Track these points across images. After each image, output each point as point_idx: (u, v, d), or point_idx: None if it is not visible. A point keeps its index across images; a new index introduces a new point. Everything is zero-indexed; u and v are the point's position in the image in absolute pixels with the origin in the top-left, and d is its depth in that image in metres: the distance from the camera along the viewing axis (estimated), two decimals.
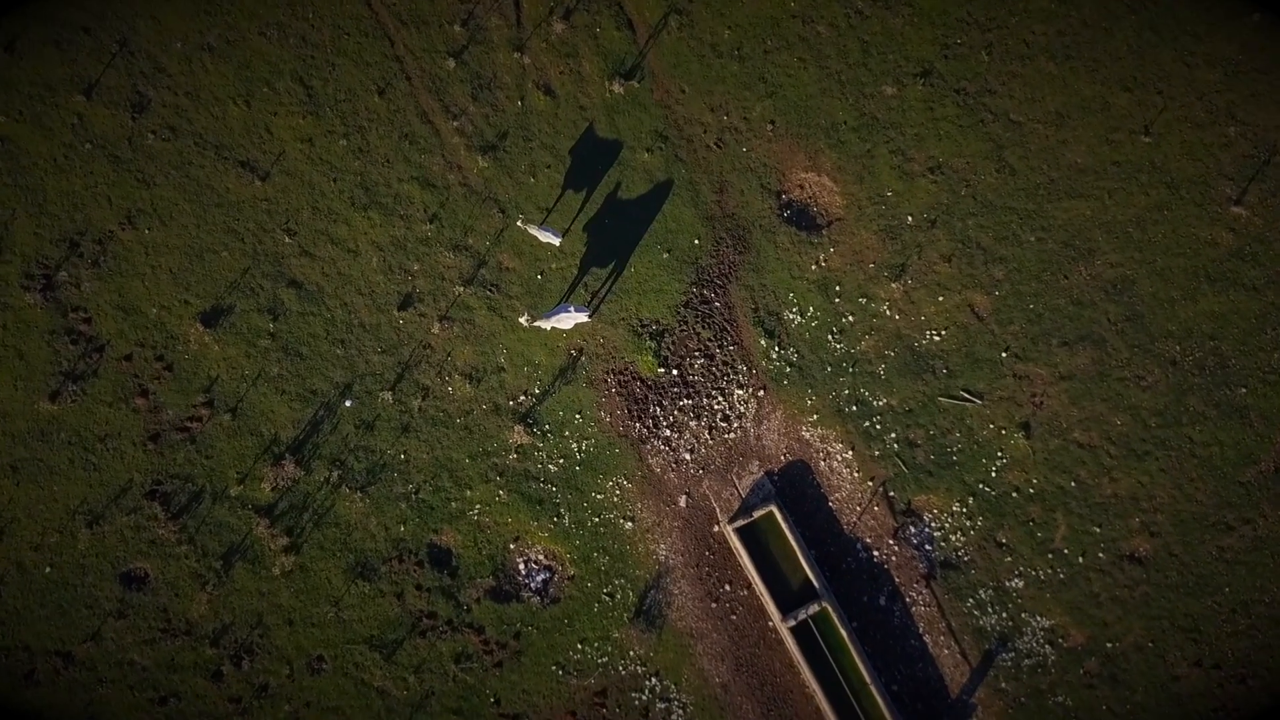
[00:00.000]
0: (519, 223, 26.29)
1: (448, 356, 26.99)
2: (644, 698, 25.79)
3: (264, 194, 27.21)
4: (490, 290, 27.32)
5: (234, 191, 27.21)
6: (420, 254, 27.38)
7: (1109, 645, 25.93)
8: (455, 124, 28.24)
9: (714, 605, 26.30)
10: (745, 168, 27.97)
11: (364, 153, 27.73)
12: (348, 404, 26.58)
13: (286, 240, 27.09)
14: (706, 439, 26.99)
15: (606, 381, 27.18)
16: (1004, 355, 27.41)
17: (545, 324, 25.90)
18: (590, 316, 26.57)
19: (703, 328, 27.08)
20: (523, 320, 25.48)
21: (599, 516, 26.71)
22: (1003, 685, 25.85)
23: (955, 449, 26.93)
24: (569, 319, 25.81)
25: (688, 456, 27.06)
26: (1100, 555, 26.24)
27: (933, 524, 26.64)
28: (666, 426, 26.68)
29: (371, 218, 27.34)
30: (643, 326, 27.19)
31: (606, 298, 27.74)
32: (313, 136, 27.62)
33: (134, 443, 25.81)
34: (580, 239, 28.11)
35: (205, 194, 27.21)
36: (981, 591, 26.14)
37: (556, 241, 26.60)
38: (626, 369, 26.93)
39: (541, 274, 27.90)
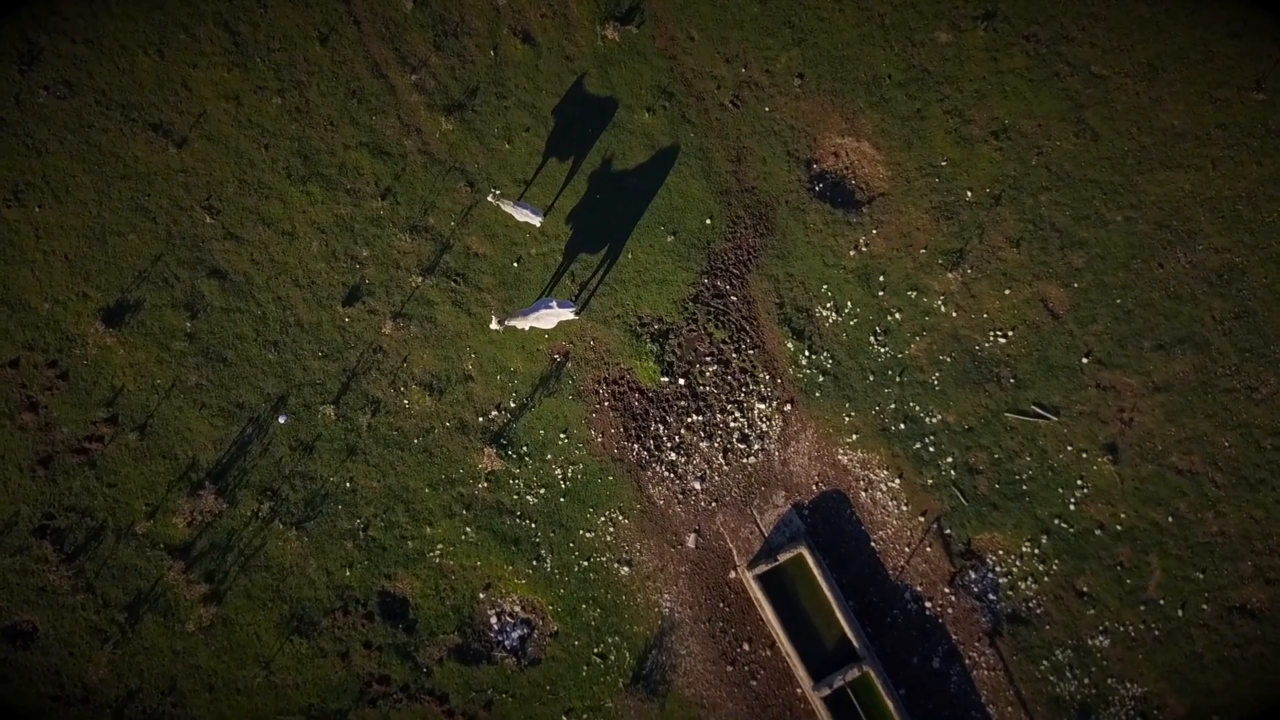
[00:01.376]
0: (491, 199, 25.88)
1: (403, 362, 26.32)
2: None
3: (180, 163, 26.77)
4: (455, 281, 26.70)
5: (144, 161, 26.74)
6: (370, 237, 26.88)
7: (1215, 718, 24.66)
8: (414, 78, 27.69)
9: (729, 669, 25.68)
10: (768, 131, 27.54)
11: (302, 113, 27.28)
12: (281, 420, 26.01)
13: (208, 220, 26.59)
14: (721, 464, 26.32)
15: (598, 393, 26.50)
16: (1084, 361, 26.81)
17: (522, 323, 25.42)
18: (577, 313, 26.04)
19: (716, 327, 26.65)
20: (493, 324, 25.11)
21: (588, 559, 25.95)
22: None
23: (1025, 476, 26.21)
24: (550, 316, 25.24)
25: (697, 486, 26.44)
26: (1204, 608, 25.35)
27: (998, 568, 25.95)
28: (671, 449, 26.16)
29: (311, 193, 26.91)
30: (642, 325, 26.67)
31: (598, 290, 27.10)
32: (239, 94, 27.16)
33: (20, 468, 25.28)
34: (565, 218, 27.49)
35: (109, 164, 26.70)
36: (1058, 652, 25.26)
37: (537, 221, 26.16)
38: (622, 378, 26.45)
39: (519, 261, 27.30)
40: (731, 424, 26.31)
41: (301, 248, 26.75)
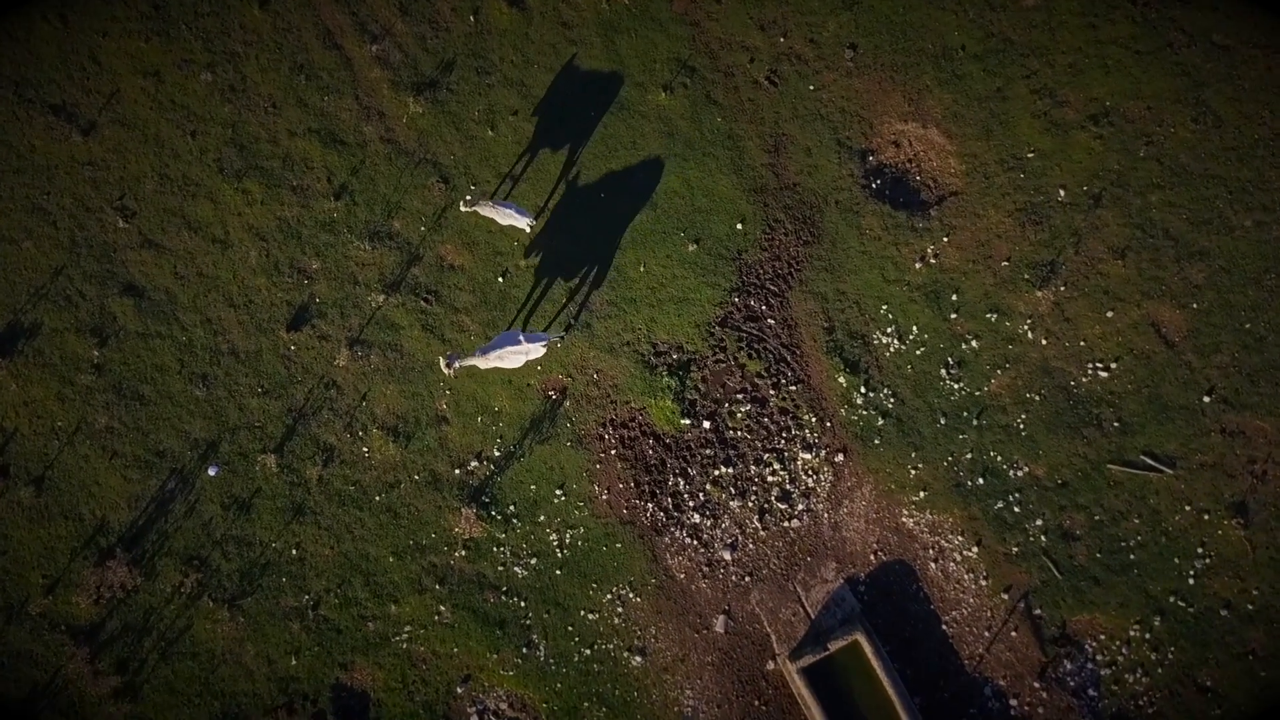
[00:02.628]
0: (464, 206, 25.56)
1: (362, 400, 25.97)
2: None
3: (87, 154, 26.42)
4: (426, 300, 26.41)
5: (42, 151, 26.42)
6: (322, 245, 26.61)
7: None
8: (375, 49, 27.36)
9: None
10: (813, 115, 27.14)
11: (237, 93, 26.94)
12: (211, 472, 25.60)
13: (120, 224, 26.11)
14: (756, 528, 25.79)
15: (603, 439, 26.07)
16: (1206, 400, 26.03)
17: (481, 363, 24.80)
18: (562, 340, 25.53)
19: (750, 357, 26.20)
20: (443, 366, 24.75)
21: (591, 647, 25.24)
22: None
23: (1133, 543, 25.44)
24: (516, 354, 24.69)
25: (727, 556, 25.62)
26: None
27: (1100, 657, 25.15)
28: (695, 509, 25.71)
29: (248, 191, 26.51)
30: (658, 355, 26.31)
31: (602, 311, 26.43)
32: (160, 69, 26.77)
33: None
34: (561, 223, 26.88)
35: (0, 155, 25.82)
36: None
37: (525, 225, 25.67)
38: (633, 420, 26.09)
39: (504, 275, 26.61)
40: (769, 478, 25.76)
41: (236, 258, 26.25)
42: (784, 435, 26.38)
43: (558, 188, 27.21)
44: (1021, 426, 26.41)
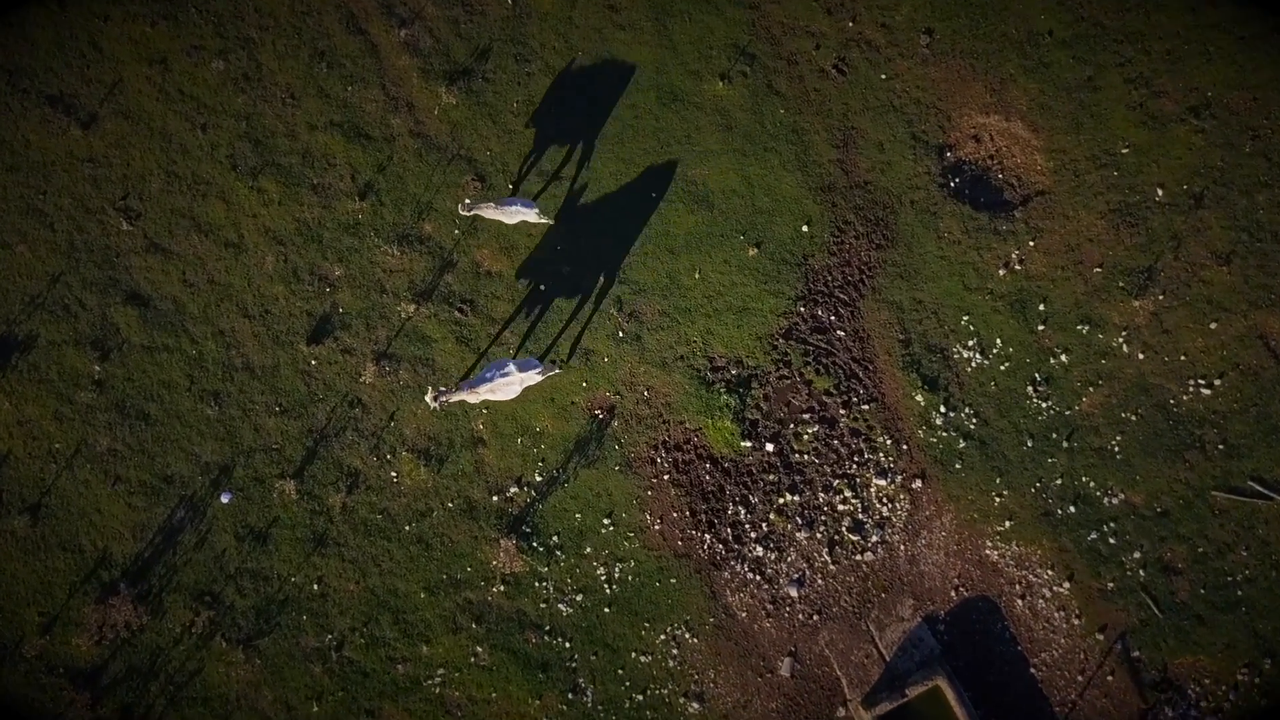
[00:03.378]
0: (463, 210, 25.26)
1: (390, 421, 25.78)
2: None
3: (87, 150, 26.30)
4: (460, 310, 26.26)
5: (37, 146, 26.32)
6: (345, 250, 26.45)
7: None
8: (404, 34, 27.18)
9: None
10: (886, 106, 27.02)
11: (252, 82, 26.80)
12: (224, 500, 25.37)
13: (124, 227, 26.03)
14: (825, 561, 25.73)
15: (655, 463, 25.98)
16: None
17: (470, 396, 24.55)
18: (561, 368, 25.63)
19: (817, 373, 26.03)
20: (430, 400, 24.39)
21: (643, 692, 25.22)
22: None
23: (1240, 578, 25.35)
24: (510, 384, 24.43)
25: (793, 592, 25.53)
26: None
27: (1204, 703, 25.02)
28: (757, 541, 25.49)
29: (264, 190, 26.41)
30: (715, 370, 26.07)
31: (653, 321, 26.43)
32: (167, 56, 26.63)
33: None
34: (607, 224, 26.85)
35: None
36: None
37: (534, 216, 25.41)
38: (688, 442, 25.88)
39: (545, 284, 26.63)
40: (840, 507, 25.58)
41: (251, 264, 26.14)
42: (855, 459, 26.22)
43: (604, 186, 26.99)
44: (1116, 449, 26.25)
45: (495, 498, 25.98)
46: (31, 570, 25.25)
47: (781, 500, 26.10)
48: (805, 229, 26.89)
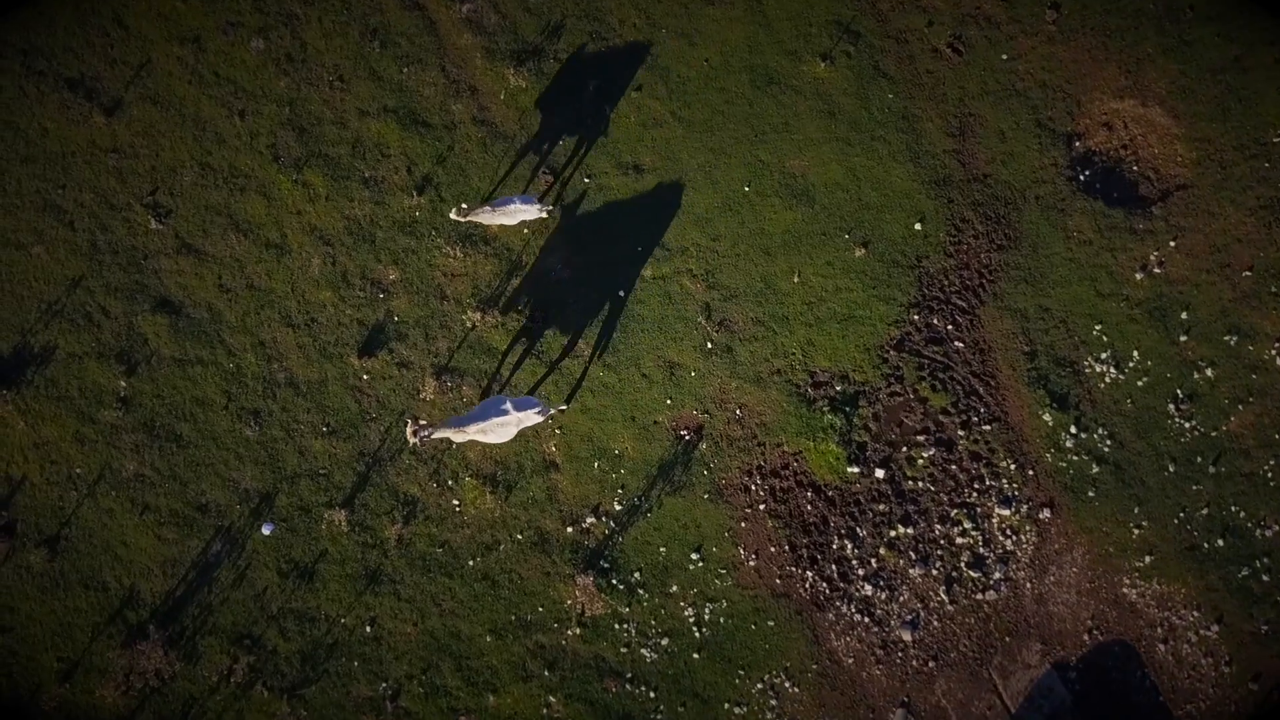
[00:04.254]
0: (456, 214, 25.11)
1: (451, 445, 25.54)
2: None
3: (111, 139, 26.25)
4: (531, 319, 26.30)
5: (55, 135, 26.21)
6: (401, 251, 26.40)
7: None
8: (466, 9, 27.20)
9: None
10: (1007, 90, 27.22)
11: (296, 64, 26.87)
12: (266, 531, 25.20)
13: (153, 225, 25.95)
14: (942, 600, 25.56)
15: (749, 491, 25.83)
16: None
17: (457, 435, 24.25)
18: (564, 411, 25.54)
19: (933, 389, 26.09)
20: (409, 434, 23.93)
21: None
22: None
23: None
24: (505, 426, 23.97)
25: (907, 636, 25.51)
26: None
27: None
28: (865, 578, 25.48)
29: (310, 184, 26.44)
30: (817, 386, 26.09)
31: (747, 330, 26.38)
32: (201, 34, 26.70)
33: None
34: (694, 221, 26.82)
35: (3, 139, 26.17)
36: None
37: (537, 211, 25.28)
38: (787, 467, 25.84)
39: (625, 289, 26.58)
40: (958, 540, 25.58)
41: (295, 267, 26.10)
42: (976, 486, 26.07)
43: (690, 179, 27.07)
44: (1270, 475, 26.20)
45: (570, 529, 25.75)
46: (50, 610, 25.05)
47: (893, 533, 25.88)
48: (918, 227, 26.89)
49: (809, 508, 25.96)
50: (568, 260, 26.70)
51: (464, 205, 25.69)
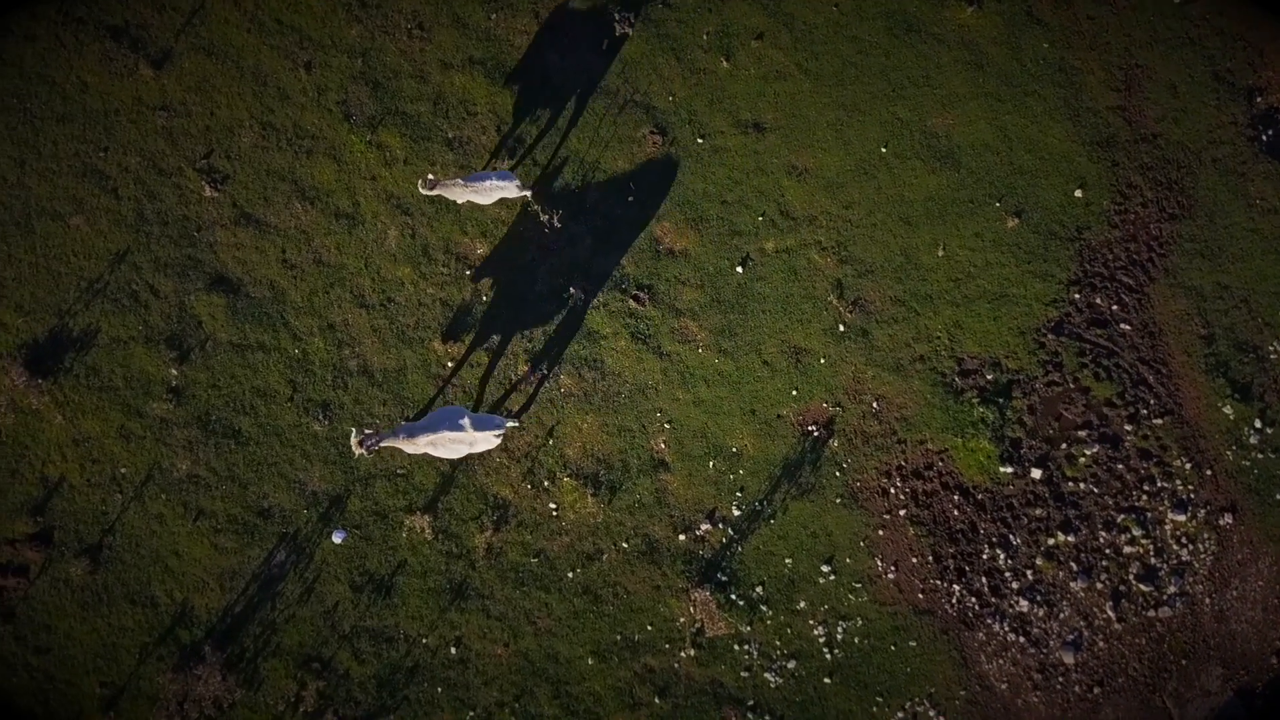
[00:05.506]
0: (424, 188, 25.04)
1: (548, 438, 25.60)
2: None
3: (160, 95, 26.25)
4: (635, 299, 26.02)
5: (97, 91, 26.14)
6: (488, 221, 26.23)
7: None
8: None
9: None
10: (1179, 39, 27.19)
11: (369, 9, 26.95)
12: (337, 539, 25.03)
13: (207, 193, 25.89)
14: (1109, 619, 25.30)
15: (888, 495, 25.55)
16: None
17: (407, 445, 23.97)
18: (519, 426, 25.17)
19: (1096, 378, 25.93)
20: (354, 442, 23.70)
21: None
22: None
23: None
24: (454, 443, 23.89)
25: (1068, 658, 25.09)
26: None
27: None
28: (1020, 592, 25.30)
29: (386, 145, 26.42)
30: (965, 374, 25.95)
31: (884, 311, 26.07)
32: None
33: None
34: (822, 186, 26.50)
35: (38, 97, 26.27)
36: None
37: (516, 190, 25.33)
38: (931, 467, 25.67)
39: (745, 263, 26.25)
40: (1126, 549, 25.35)
41: (370, 240, 26.02)
42: (1146, 489, 25.86)
43: (818, 139, 26.76)
44: None
45: (682, 537, 25.51)
46: (91, 629, 24.75)
47: (1051, 541, 25.68)
48: (1078, 194, 26.72)
49: (956, 513, 25.71)
50: (679, 230, 26.42)
51: (431, 176, 25.42)
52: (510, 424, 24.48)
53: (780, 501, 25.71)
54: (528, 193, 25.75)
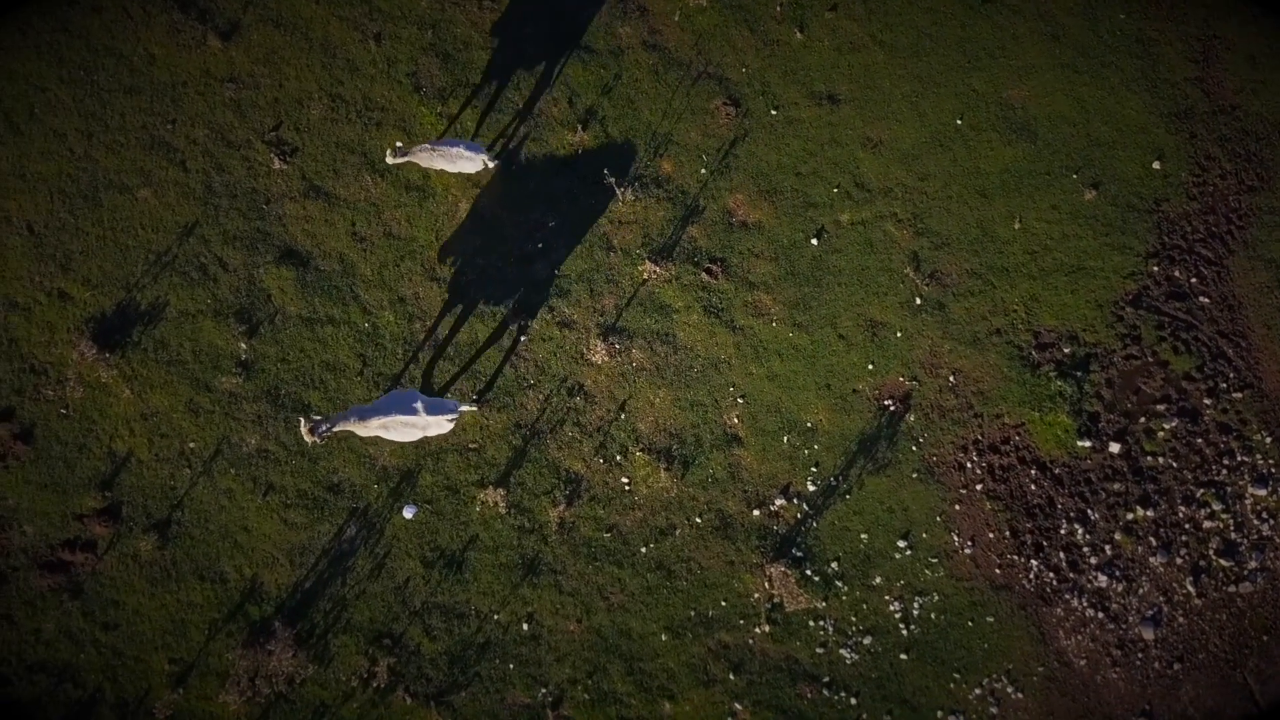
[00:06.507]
0: (392, 158, 25.28)
1: (620, 412, 25.55)
2: None
3: (228, 67, 26.37)
4: (709, 271, 26.05)
5: (164, 63, 26.23)
6: (560, 194, 26.33)
7: None
8: None
9: None
10: (1257, 9, 26.97)
11: None
12: (408, 514, 25.10)
13: (276, 165, 26.10)
14: (1188, 593, 25.16)
15: (964, 469, 25.47)
16: None
17: (359, 429, 24.09)
18: (476, 408, 25.13)
19: (1175, 352, 25.94)
20: (303, 429, 23.91)
21: None
22: None
23: None
24: (407, 426, 24.04)
25: (1148, 634, 24.99)
26: None
27: None
28: (1099, 568, 25.19)
29: (455, 113, 26.18)
30: (1042, 348, 25.86)
31: (960, 284, 26.04)
32: None
33: None
34: (899, 156, 26.47)
35: (105, 68, 26.19)
36: None
37: (481, 162, 25.43)
38: (1008, 441, 25.58)
39: (819, 235, 26.24)
40: (1206, 524, 25.31)
41: (440, 212, 26.09)
42: (1225, 463, 25.74)
43: (894, 111, 26.78)
44: None
45: (756, 512, 25.44)
46: (160, 605, 24.76)
47: (1130, 516, 25.58)
48: (1156, 166, 26.70)
49: (1033, 487, 25.56)
50: (752, 202, 26.33)
51: (399, 145, 25.43)
52: (465, 408, 24.40)
53: (856, 476, 25.66)
54: (487, 163, 25.54)
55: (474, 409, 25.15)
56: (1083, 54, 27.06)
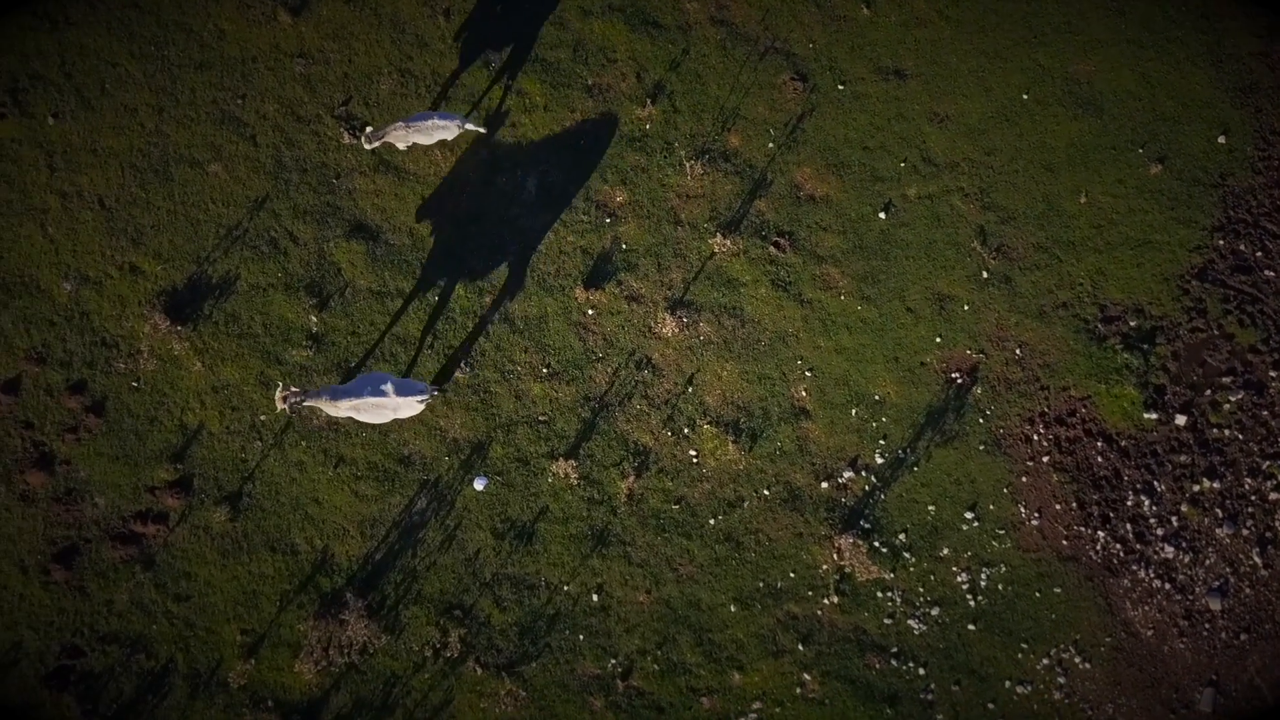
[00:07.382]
0: (368, 143, 25.19)
1: (688, 386, 25.62)
2: None
3: (298, 41, 26.43)
4: (776, 245, 26.04)
5: (234, 38, 26.30)
6: (629, 170, 26.33)
7: None
8: None
9: None
10: None
11: None
12: (478, 486, 25.14)
13: (346, 140, 26.03)
14: (1255, 564, 25.08)
15: (1031, 441, 25.43)
16: None
17: (330, 408, 24.01)
18: (440, 394, 25.08)
19: (1241, 325, 25.83)
20: (278, 398, 24.00)
21: None
22: None
23: None
24: (378, 408, 23.85)
25: (1214, 605, 24.92)
26: None
27: None
28: (1165, 539, 25.14)
29: (525, 93, 26.73)
30: (1108, 321, 25.85)
31: (1026, 258, 26.03)
32: None
33: (22, 567, 24.31)
34: (964, 136, 26.58)
35: (174, 43, 26.36)
36: None
37: (456, 127, 25.31)
38: (1074, 413, 25.53)
39: (887, 209, 26.21)
40: (1272, 495, 25.23)
41: (508, 188, 26.18)
42: None
43: (960, 86, 26.81)
44: None
45: (824, 484, 25.44)
46: (232, 576, 24.80)
47: (1196, 488, 25.48)
48: (1222, 140, 26.61)
49: (1100, 459, 25.49)
50: (819, 176, 26.29)
51: (370, 128, 25.30)
52: (434, 391, 24.36)
53: (924, 449, 25.58)
54: (462, 127, 25.41)
55: (440, 392, 25.08)
56: (1148, 29, 26.88)
